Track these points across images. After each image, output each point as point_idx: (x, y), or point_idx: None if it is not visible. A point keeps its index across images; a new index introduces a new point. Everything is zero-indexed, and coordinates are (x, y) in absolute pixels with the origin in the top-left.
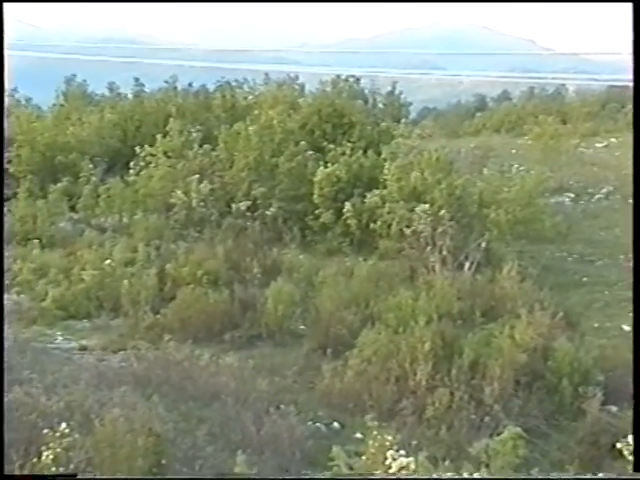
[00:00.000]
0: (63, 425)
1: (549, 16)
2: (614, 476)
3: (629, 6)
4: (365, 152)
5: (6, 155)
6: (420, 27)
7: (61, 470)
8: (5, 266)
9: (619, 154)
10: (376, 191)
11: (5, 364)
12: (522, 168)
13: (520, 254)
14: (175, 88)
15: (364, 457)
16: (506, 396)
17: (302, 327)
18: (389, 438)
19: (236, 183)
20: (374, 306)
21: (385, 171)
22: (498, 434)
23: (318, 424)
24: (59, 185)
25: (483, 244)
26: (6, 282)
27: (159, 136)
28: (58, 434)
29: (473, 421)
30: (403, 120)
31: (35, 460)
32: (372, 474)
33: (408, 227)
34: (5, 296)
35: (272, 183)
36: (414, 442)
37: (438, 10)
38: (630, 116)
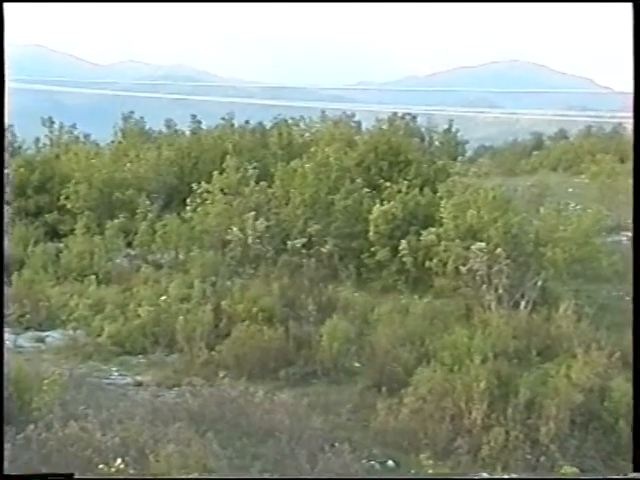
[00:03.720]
0: (118, 461)
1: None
2: (614, 476)
3: None
4: (421, 190)
5: (64, 191)
6: (477, 65)
7: None
8: (61, 302)
9: None
10: (432, 229)
11: (61, 399)
12: (579, 207)
13: (577, 293)
14: (232, 125)
15: None
16: (562, 436)
17: (357, 364)
18: None
19: (292, 220)
20: (429, 344)
21: (441, 209)
22: None
23: (372, 462)
24: (116, 221)
25: (539, 283)
26: (62, 318)
27: (216, 173)
28: (113, 469)
29: (529, 461)
30: (459, 158)
31: None
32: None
33: (464, 265)
34: (61, 331)
35: (328, 220)
36: None
37: (496, 48)
38: None
